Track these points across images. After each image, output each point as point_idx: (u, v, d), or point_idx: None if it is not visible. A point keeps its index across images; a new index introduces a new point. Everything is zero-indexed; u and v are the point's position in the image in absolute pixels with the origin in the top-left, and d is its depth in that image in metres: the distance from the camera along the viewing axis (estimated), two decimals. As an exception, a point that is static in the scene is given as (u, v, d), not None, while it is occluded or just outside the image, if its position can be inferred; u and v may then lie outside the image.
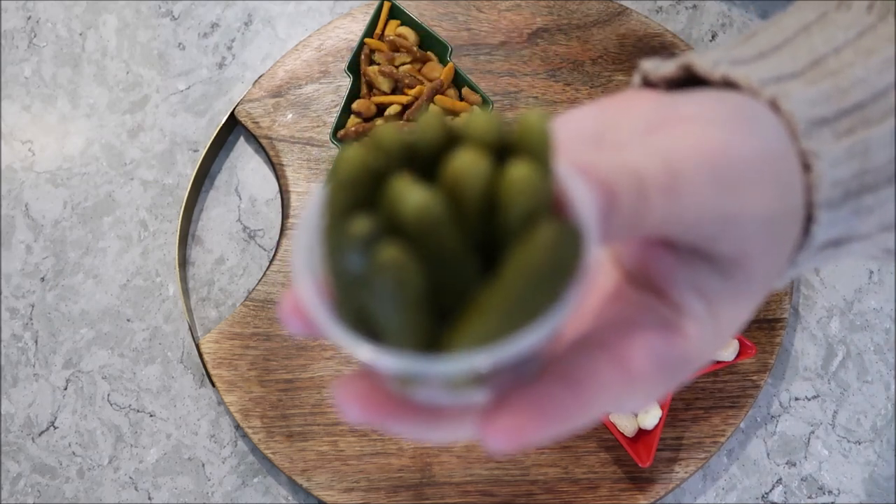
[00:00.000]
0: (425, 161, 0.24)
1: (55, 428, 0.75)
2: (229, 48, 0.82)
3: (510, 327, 0.22)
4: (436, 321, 0.23)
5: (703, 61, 0.31)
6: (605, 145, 0.29)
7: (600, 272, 0.30)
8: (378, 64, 0.76)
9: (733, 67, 0.30)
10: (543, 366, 0.27)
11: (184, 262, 0.77)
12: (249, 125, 0.78)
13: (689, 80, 0.31)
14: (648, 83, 0.33)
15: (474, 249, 0.23)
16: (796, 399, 0.73)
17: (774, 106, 0.29)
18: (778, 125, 0.29)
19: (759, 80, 0.30)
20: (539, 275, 0.22)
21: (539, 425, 0.25)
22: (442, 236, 0.22)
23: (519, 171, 0.22)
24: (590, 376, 0.27)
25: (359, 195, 0.23)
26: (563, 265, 0.23)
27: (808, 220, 0.30)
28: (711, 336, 0.29)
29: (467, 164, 0.22)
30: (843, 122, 0.30)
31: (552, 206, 0.24)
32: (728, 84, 0.30)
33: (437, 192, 0.22)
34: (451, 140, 0.24)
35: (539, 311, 0.23)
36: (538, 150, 0.23)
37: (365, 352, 0.23)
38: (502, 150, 0.24)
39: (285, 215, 0.76)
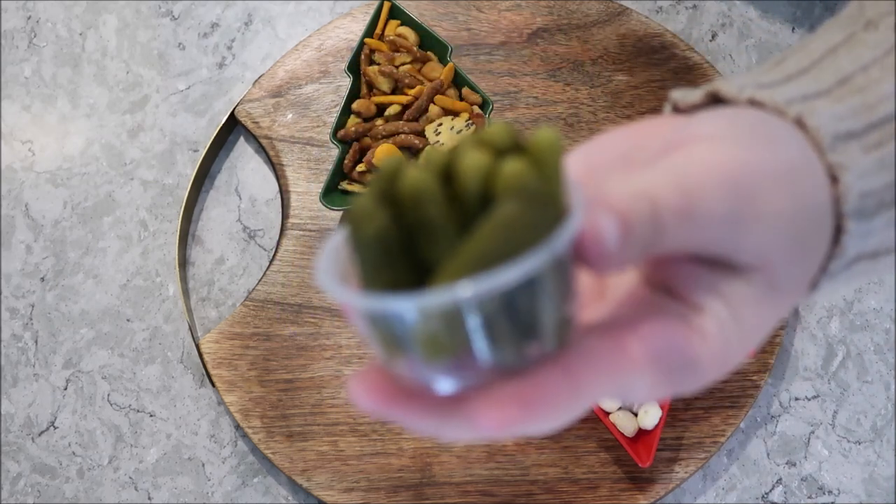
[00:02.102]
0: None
1: (55, 428, 0.75)
2: (229, 48, 0.82)
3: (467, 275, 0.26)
4: (418, 279, 0.26)
5: (730, 86, 0.31)
6: (630, 166, 0.30)
7: (620, 276, 0.30)
8: (378, 64, 0.76)
9: (759, 90, 0.31)
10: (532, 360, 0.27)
11: (184, 262, 0.78)
12: (249, 125, 0.78)
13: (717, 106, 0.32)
14: (678, 111, 0.33)
15: (468, 228, 0.26)
16: (796, 399, 0.73)
17: (800, 123, 0.30)
18: (802, 142, 0.29)
19: (784, 99, 0.30)
20: (496, 243, 0.25)
21: (529, 411, 0.25)
22: (430, 207, 0.26)
23: (511, 166, 0.26)
24: (585, 361, 0.27)
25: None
26: (522, 240, 0.25)
27: (840, 230, 0.30)
28: (734, 339, 0.29)
29: (472, 159, 0.26)
30: (873, 135, 0.30)
31: (560, 215, 0.26)
32: (754, 105, 0.31)
33: (436, 176, 0.26)
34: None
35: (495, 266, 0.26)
36: (544, 158, 0.26)
37: (337, 291, 0.26)
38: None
39: (285, 215, 0.76)
